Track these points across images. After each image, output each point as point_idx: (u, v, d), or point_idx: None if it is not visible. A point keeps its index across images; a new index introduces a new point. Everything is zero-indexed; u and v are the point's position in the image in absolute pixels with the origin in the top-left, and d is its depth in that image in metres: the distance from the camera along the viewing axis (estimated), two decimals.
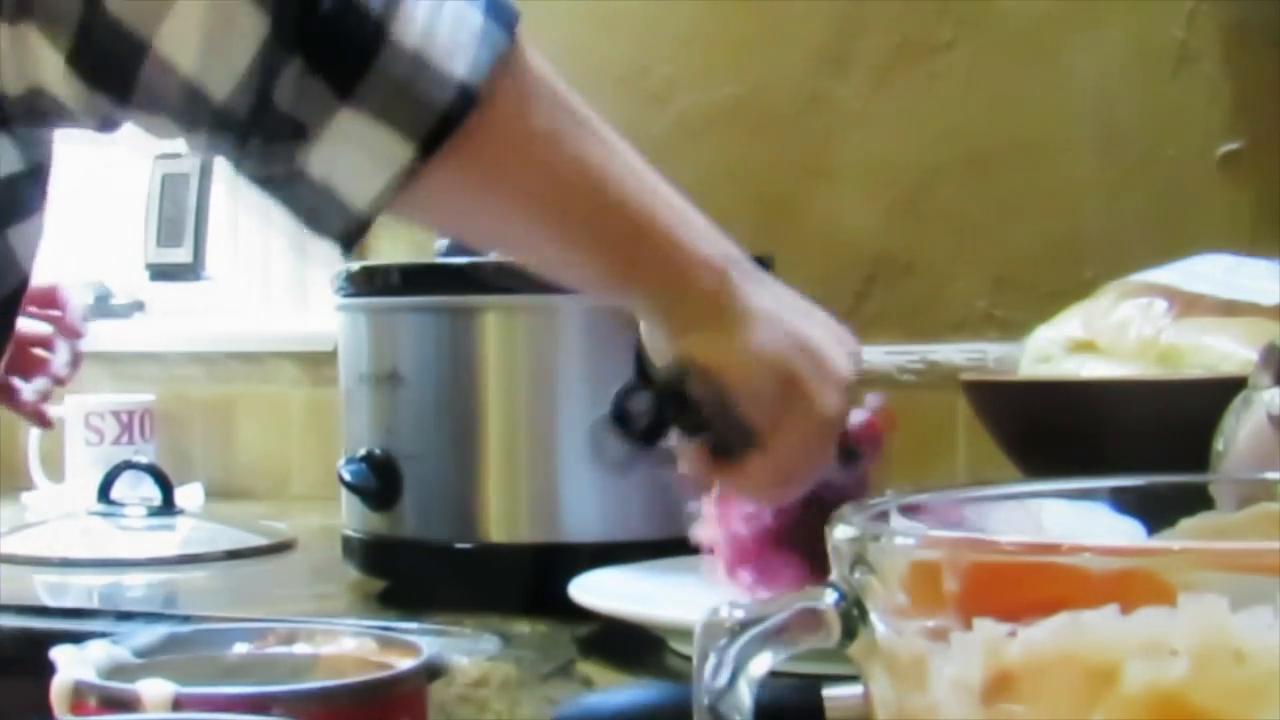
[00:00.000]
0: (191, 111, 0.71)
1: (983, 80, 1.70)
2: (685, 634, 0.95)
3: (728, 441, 0.86)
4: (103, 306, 2.06)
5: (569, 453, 1.22)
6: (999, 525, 0.50)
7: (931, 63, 1.71)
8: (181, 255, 2.07)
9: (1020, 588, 0.42)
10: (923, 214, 1.72)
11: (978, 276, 1.70)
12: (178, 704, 0.45)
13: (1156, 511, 0.50)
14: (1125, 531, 0.50)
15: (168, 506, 1.59)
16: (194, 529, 1.58)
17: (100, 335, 2.03)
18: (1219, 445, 0.88)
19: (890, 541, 0.44)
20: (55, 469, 1.88)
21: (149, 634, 0.52)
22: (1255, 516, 0.49)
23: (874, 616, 0.44)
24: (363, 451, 1.27)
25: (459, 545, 1.23)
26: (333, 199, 0.74)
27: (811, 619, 0.45)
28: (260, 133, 0.72)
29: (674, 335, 0.85)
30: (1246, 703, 0.41)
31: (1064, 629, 0.42)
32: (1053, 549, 0.42)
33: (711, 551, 1.01)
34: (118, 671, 0.49)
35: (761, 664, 0.44)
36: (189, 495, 1.73)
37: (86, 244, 2.19)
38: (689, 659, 0.46)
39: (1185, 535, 0.50)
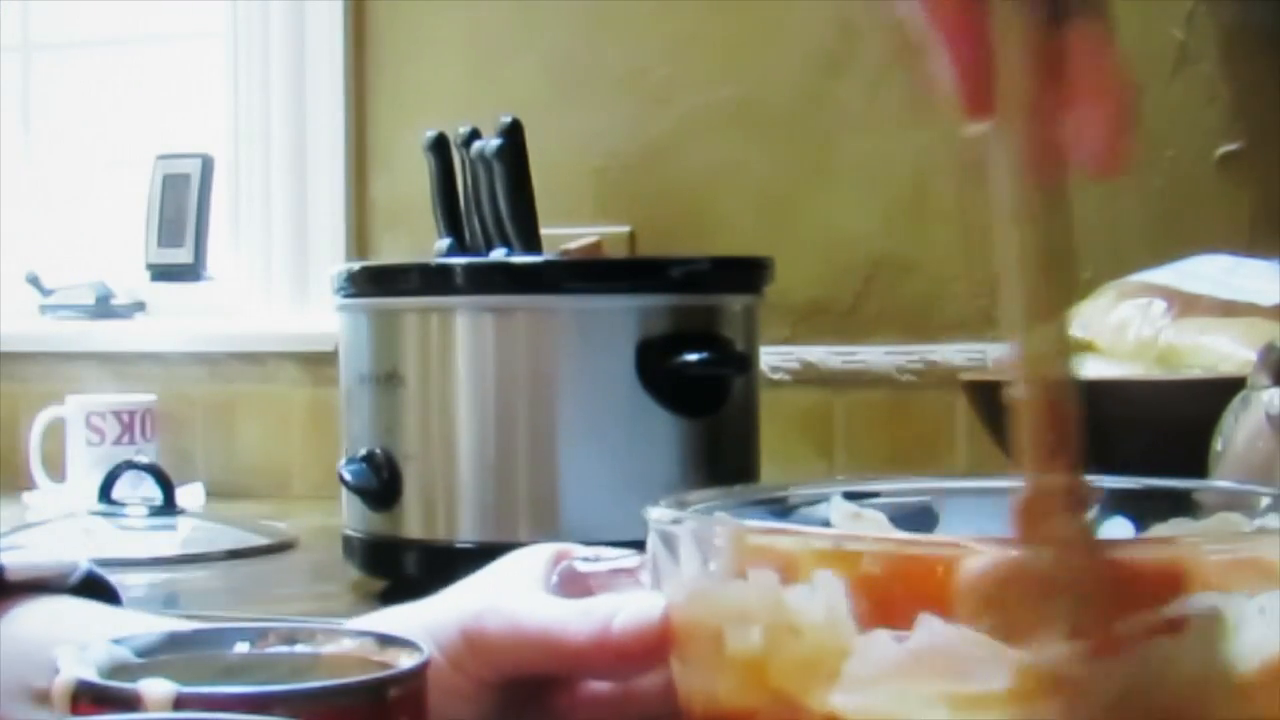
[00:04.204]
0: None
1: None
2: None
3: None
4: (103, 307, 2.06)
5: (568, 453, 1.22)
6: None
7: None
8: (182, 255, 2.07)
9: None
10: (922, 215, 1.72)
11: (978, 276, 1.70)
12: (179, 703, 0.45)
13: (1145, 512, 0.51)
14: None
15: (169, 506, 1.59)
16: (195, 529, 1.58)
17: (101, 335, 2.04)
18: (1218, 445, 0.88)
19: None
20: (56, 469, 1.88)
21: (150, 634, 0.52)
22: None
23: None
24: (363, 451, 1.27)
25: (459, 545, 1.23)
26: None
27: None
28: None
29: None
30: (805, 675, 0.42)
31: (697, 593, 0.47)
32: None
33: None
34: (119, 671, 0.49)
35: None
36: (190, 495, 1.73)
37: (87, 244, 2.19)
38: None
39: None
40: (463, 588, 0.59)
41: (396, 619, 0.59)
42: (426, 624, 0.57)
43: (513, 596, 0.57)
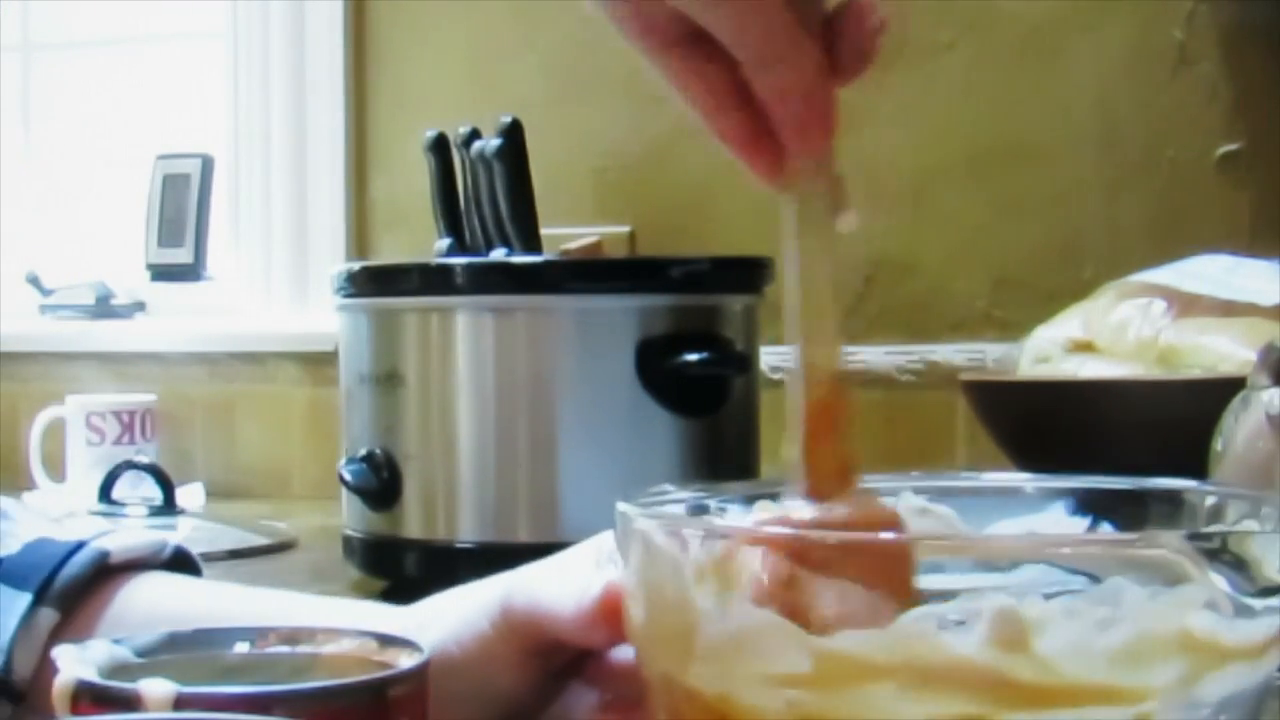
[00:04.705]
0: None
1: (983, 80, 1.70)
2: None
3: None
4: (104, 307, 2.06)
5: (568, 453, 1.22)
6: None
7: (932, 63, 1.72)
8: (182, 255, 2.07)
9: None
10: (922, 214, 1.72)
11: (977, 276, 1.70)
12: (179, 704, 0.45)
13: (1129, 514, 0.51)
14: None
15: (169, 506, 1.59)
16: (195, 529, 1.58)
17: (101, 335, 2.04)
18: (1218, 445, 0.88)
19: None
20: (56, 469, 1.88)
21: (150, 634, 0.52)
22: None
23: None
24: (363, 451, 1.27)
25: (459, 545, 1.23)
26: None
27: None
28: None
29: None
30: (673, 648, 0.46)
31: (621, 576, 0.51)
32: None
33: None
34: (119, 671, 0.49)
35: None
36: (190, 495, 1.73)
37: (88, 244, 2.19)
38: None
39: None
40: (525, 567, 0.64)
41: (457, 595, 0.64)
42: (479, 599, 0.61)
43: (542, 575, 0.61)
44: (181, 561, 0.76)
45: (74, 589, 0.69)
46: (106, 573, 0.71)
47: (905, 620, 0.42)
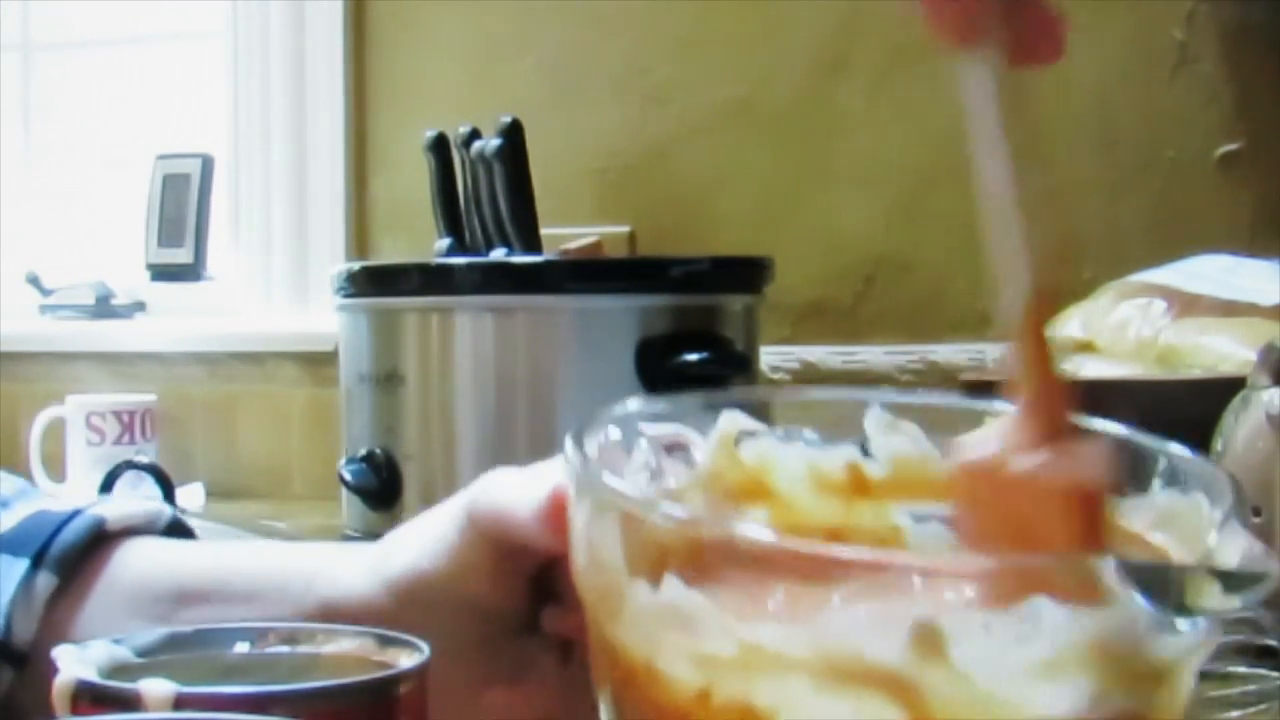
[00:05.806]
0: None
1: None
2: None
3: None
4: (104, 306, 2.06)
5: None
6: None
7: (931, 63, 1.71)
8: (182, 255, 2.07)
9: None
10: (922, 215, 1.72)
11: (978, 276, 1.70)
12: (179, 703, 0.45)
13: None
14: None
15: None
16: (195, 529, 1.58)
17: (101, 335, 2.04)
18: (1218, 445, 0.88)
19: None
20: (57, 469, 1.88)
21: (150, 633, 0.52)
22: None
23: None
24: (363, 451, 1.27)
25: None
26: None
27: None
28: None
29: None
30: (604, 604, 0.47)
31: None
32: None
33: None
34: (119, 671, 0.49)
35: None
36: (190, 495, 1.73)
37: (88, 244, 2.19)
38: None
39: None
40: (490, 472, 0.63)
41: (420, 517, 0.62)
42: (444, 511, 0.61)
43: (504, 478, 0.60)
44: (177, 531, 0.77)
45: (71, 554, 0.70)
46: (103, 539, 0.71)
47: (827, 617, 0.42)
